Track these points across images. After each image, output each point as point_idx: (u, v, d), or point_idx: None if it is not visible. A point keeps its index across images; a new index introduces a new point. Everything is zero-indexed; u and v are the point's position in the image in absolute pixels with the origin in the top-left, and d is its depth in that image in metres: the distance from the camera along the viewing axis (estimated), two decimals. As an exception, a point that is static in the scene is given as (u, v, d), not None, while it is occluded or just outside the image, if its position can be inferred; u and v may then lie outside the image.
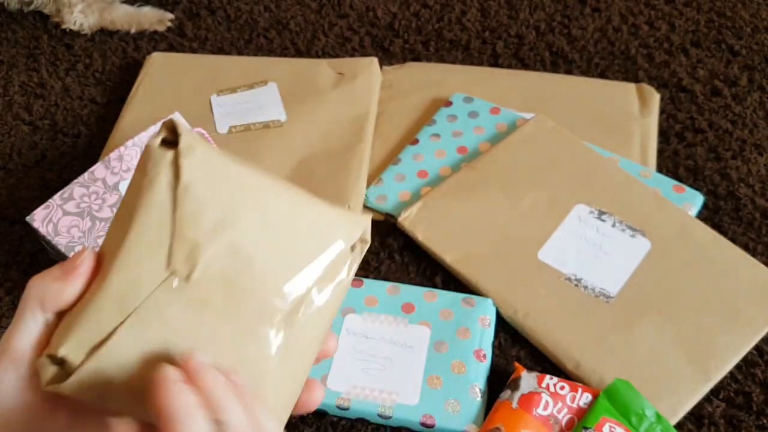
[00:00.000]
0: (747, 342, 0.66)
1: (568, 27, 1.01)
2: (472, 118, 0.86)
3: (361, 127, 0.85)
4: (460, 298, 0.70)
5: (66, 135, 0.92)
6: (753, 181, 0.81)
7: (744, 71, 0.93)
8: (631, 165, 0.80)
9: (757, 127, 0.87)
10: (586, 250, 0.73)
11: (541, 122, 0.83)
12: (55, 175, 0.87)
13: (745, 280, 0.69)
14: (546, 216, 0.76)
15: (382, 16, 1.04)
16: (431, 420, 0.62)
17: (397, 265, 0.76)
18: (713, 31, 0.99)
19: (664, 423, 0.60)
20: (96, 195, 0.73)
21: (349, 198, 0.78)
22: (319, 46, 1.01)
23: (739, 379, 0.66)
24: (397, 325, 0.68)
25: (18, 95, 0.97)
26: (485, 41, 1.00)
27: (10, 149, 0.90)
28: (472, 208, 0.77)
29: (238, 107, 0.89)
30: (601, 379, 0.65)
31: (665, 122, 0.88)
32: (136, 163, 0.74)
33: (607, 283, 0.70)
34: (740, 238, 0.76)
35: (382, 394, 0.64)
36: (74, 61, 1.01)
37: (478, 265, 0.73)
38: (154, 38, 1.03)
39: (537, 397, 0.61)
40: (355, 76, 0.91)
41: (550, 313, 0.69)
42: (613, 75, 0.94)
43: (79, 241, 0.70)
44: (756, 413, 0.64)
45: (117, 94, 0.96)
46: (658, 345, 0.66)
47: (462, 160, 0.83)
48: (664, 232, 0.73)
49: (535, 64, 0.96)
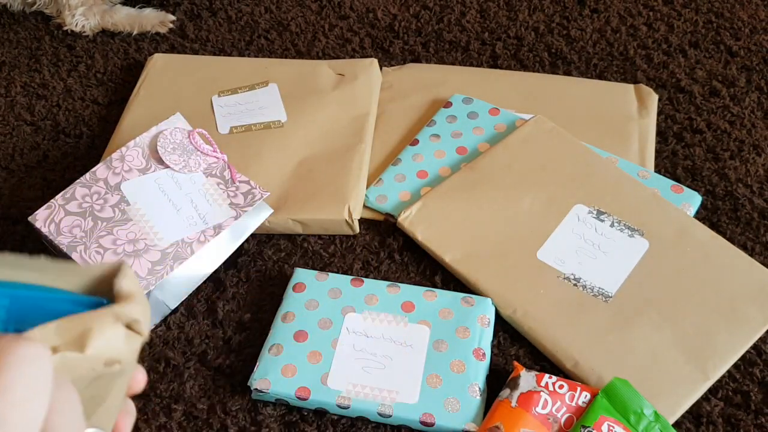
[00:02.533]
0: (745, 341, 0.67)
1: (567, 28, 1.01)
2: (471, 119, 0.87)
3: (361, 128, 0.86)
4: (460, 298, 0.70)
5: (68, 135, 0.92)
6: (751, 182, 0.81)
7: (742, 72, 0.93)
8: (629, 165, 0.80)
9: (755, 127, 0.87)
10: (584, 249, 0.73)
11: (540, 123, 0.84)
12: (57, 176, 0.87)
13: (743, 279, 0.70)
14: (545, 216, 0.76)
15: (382, 18, 1.05)
16: (431, 418, 0.62)
17: (396, 264, 0.77)
18: (711, 32, 0.99)
19: (663, 422, 0.60)
20: (98, 195, 0.73)
21: (349, 198, 0.79)
22: (319, 47, 1.01)
23: (737, 378, 0.67)
24: (396, 324, 0.68)
25: (20, 96, 0.97)
26: (485, 42, 1.00)
27: (13, 150, 0.91)
28: (472, 208, 0.77)
29: (239, 108, 0.89)
30: (600, 378, 0.65)
31: (664, 123, 0.88)
32: (138, 163, 0.75)
33: (605, 282, 0.71)
34: (738, 238, 0.76)
35: (381, 393, 0.64)
36: (76, 62, 1.01)
37: (477, 264, 0.73)
38: (156, 39, 1.04)
39: (536, 395, 0.62)
40: (356, 77, 0.91)
41: (549, 313, 0.69)
42: (611, 76, 0.94)
43: (81, 241, 0.70)
44: (754, 412, 0.65)
45: (119, 95, 0.97)
46: (656, 344, 0.66)
47: (461, 161, 0.83)
48: (663, 231, 0.73)
49: (534, 65, 0.97)
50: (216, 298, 0.75)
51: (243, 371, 0.69)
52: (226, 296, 0.75)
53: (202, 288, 0.76)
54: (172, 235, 0.71)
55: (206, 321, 0.73)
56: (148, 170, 0.75)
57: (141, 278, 0.68)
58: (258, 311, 0.74)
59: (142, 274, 0.69)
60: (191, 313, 0.74)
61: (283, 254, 0.78)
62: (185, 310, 0.74)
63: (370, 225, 0.81)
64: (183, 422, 0.66)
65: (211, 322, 0.73)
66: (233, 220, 0.73)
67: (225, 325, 0.73)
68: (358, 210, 0.79)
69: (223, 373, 0.69)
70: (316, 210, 0.78)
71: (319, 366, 0.66)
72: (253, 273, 0.77)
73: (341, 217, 0.78)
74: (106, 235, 0.71)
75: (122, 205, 0.73)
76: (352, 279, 0.72)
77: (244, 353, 0.71)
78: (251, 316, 0.73)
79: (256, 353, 0.70)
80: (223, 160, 0.77)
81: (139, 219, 0.72)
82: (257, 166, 0.82)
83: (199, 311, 0.74)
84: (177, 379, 0.69)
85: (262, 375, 0.66)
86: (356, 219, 0.78)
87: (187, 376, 0.69)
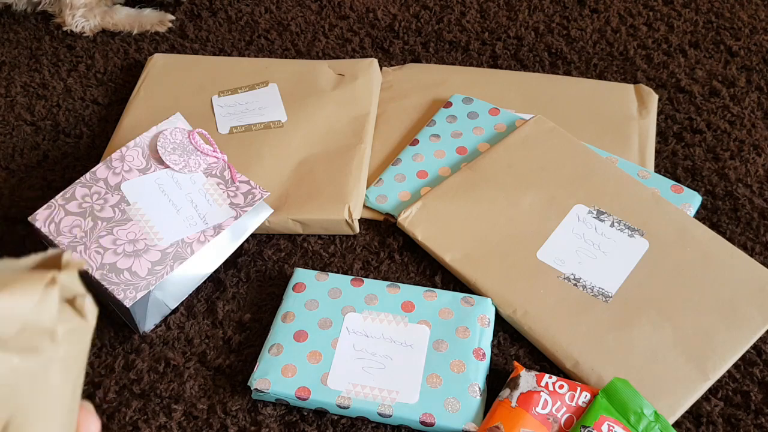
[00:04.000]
0: (745, 341, 0.67)
1: (567, 28, 1.01)
2: (471, 119, 0.87)
3: (361, 128, 0.86)
4: (460, 298, 0.70)
5: (68, 135, 0.92)
6: (751, 182, 0.81)
7: (742, 72, 0.93)
8: (629, 165, 0.80)
9: (755, 127, 0.87)
10: (584, 249, 0.73)
11: (540, 123, 0.84)
12: (57, 176, 0.87)
13: (743, 279, 0.70)
14: (545, 216, 0.76)
15: (382, 18, 1.05)
16: (431, 418, 0.62)
17: (396, 264, 0.77)
18: (711, 32, 0.99)
19: (663, 422, 0.60)
20: (98, 195, 0.73)
21: (349, 198, 0.79)
22: (319, 47, 1.01)
23: (737, 378, 0.67)
24: (396, 324, 0.68)
25: (20, 96, 0.97)
26: (484, 42, 1.00)
27: (13, 150, 0.91)
28: (472, 208, 0.77)
29: (239, 108, 0.89)
30: (600, 378, 0.65)
31: (663, 123, 0.88)
32: (138, 163, 0.75)
33: (605, 282, 0.71)
34: (738, 238, 0.76)
35: (382, 393, 0.64)
36: (76, 62, 1.01)
37: (477, 264, 0.73)
38: (156, 39, 1.04)
39: (536, 395, 0.62)
40: (356, 77, 0.91)
41: (549, 313, 0.69)
42: (611, 76, 0.94)
43: (81, 241, 0.70)
44: (754, 412, 0.65)
45: (119, 95, 0.97)
46: (656, 344, 0.66)
47: (461, 161, 0.83)
48: (663, 231, 0.73)
49: (534, 65, 0.97)
50: (216, 298, 0.75)
51: (243, 371, 0.69)
52: (226, 296, 0.75)
53: (202, 288, 0.76)
54: (172, 235, 0.71)
55: (206, 321, 0.73)
56: (148, 170, 0.75)
57: (141, 278, 0.68)
58: (258, 311, 0.74)
59: (142, 274, 0.69)
60: (191, 313, 0.74)
61: (283, 254, 0.78)
62: (185, 310, 0.74)
63: (370, 225, 0.81)
64: (183, 422, 0.66)
65: (211, 322, 0.73)
66: (233, 220, 0.73)
67: (225, 325, 0.73)
68: (358, 210, 0.79)
69: (223, 373, 0.69)
70: (316, 210, 0.78)
71: (319, 366, 0.66)
72: (253, 273, 0.77)
73: (341, 217, 0.78)
74: (106, 235, 0.71)
75: (122, 205, 0.73)
76: (352, 279, 0.72)
77: (244, 353, 0.71)
78: (251, 316, 0.73)
79: (256, 353, 0.70)
80: (223, 160, 0.77)
81: (139, 219, 0.72)
82: (257, 166, 0.82)
83: (199, 311, 0.74)
84: (177, 379, 0.69)
85: (262, 375, 0.66)
86: (356, 219, 0.78)
87: (187, 376, 0.69)
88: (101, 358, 0.71)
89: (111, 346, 0.72)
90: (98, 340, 0.72)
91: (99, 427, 0.28)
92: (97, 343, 0.72)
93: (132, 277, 0.68)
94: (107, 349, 0.72)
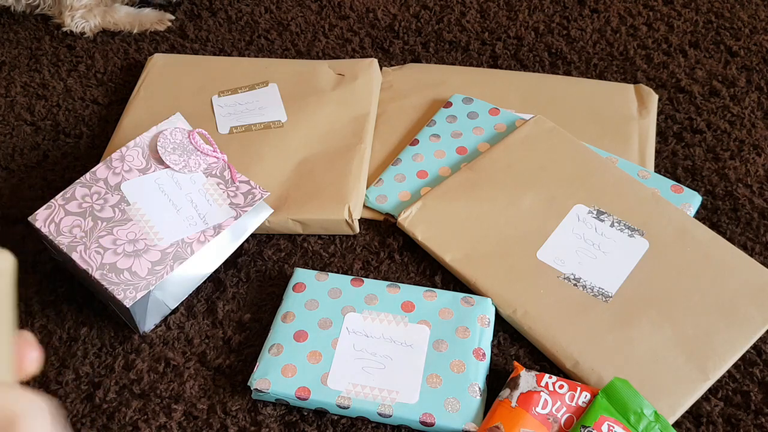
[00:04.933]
0: (745, 341, 0.67)
1: (567, 28, 1.01)
2: (471, 119, 0.87)
3: (361, 128, 0.86)
4: (460, 298, 0.70)
5: (68, 135, 0.92)
6: (751, 182, 0.81)
7: (742, 72, 0.93)
8: (629, 165, 0.80)
9: (755, 127, 0.87)
10: (584, 249, 0.73)
11: (540, 123, 0.84)
12: (57, 176, 0.87)
13: (743, 279, 0.70)
14: (545, 216, 0.76)
15: (382, 18, 1.05)
16: (431, 418, 0.62)
17: (396, 264, 0.77)
18: (711, 32, 0.99)
19: (663, 422, 0.60)
20: (98, 195, 0.73)
21: (349, 198, 0.79)
22: (319, 47, 1.01)
23: (737, 378, 0.67)
24: (397, 324, 0.68)
25: (20, 96, 0.97)
26: (484, 42, 1.00)
27: (13, 149, 0.91)
28: (472, 208, 0.77)
29: (239, 108, 0.89)
30: (600, 378, 0.65)
31: (663, 123, 0.88)
32: (138, 163, 0.74)
33: (605, 282, 0.71)
34: (738, 238, 0.76)
35: (382, 393, 0.64)
36: (76, 62, 1.01)
37: (477, 264, 0.73)
38: (156, 39, 1.04)
39: (536, 395, 0.62)
40: (356, 77, 0.91)
41: (549, 313, 0.69)
42: (611, 76, 0.94)
43: (81, 241, 0.70)
44: (754, 412, 0.65)
45: (118, 95, 0.97)
46: (656, 344, 0.66)
47: (461, 161, 0.83)
48: (663, 231, 0.73)
49: (534, 65, 0.97)
50: (216, 298, 0.75)
51: (243, 371, 0.69)
52: (226, 296, 0.75)
53: (202, 288, 0.76)
54: (172, 235, 0.71)
55: (206, 321, 0.73)
56: (148, 170, 0.75)
57: (141, 278, 0.68)
58: (258, 311, 0.74)
59: (142, 274, 0.69)
60: (191, 313, 0.74)
61: (283, 254, 0.78)
62: (185, 310, 0.74)
63: (370, 225, 0.81)
64: (183, 422, 0.66)
65: (211, 322, 0.73)
66: (233, 220, 0.73)
67: (225, 325, 0.73)
68: (358, 210, 0.79)
69: (223, 373, 0.69)
70: (316, 210, 0.78)
71: (319, 366, 0.66)
72: (253, 273, 0.77)
73: (341, 217, 0.78)
74: (106, 235, 0.71)
75: (122, 205, 0.73)
76: (352, 279, 0.72)
77: (244, 353, 0.71)
78: (251, 316, 0.73)
79: (256, 353, 0.70)
80: (223, 160, 0.77)
81: (139, 219, 0.72)
82: (257, 166, 0.82)
83: (199, 311, 0.74)
84: (177, 379, 0.69)
85: (262, 375, 0.66)
86: (356, 219, 0.78)
87: (187, 376, 0.69)
88: (101, 358, 0.71)
89: (111, 346, 0.72)
90: (98, 340, 0.72)
91: (39, 354, 0.29)
92: (97, 343, 0.72)
93: (132, 277, 0.68)
94: (107, 349, 0.72)
